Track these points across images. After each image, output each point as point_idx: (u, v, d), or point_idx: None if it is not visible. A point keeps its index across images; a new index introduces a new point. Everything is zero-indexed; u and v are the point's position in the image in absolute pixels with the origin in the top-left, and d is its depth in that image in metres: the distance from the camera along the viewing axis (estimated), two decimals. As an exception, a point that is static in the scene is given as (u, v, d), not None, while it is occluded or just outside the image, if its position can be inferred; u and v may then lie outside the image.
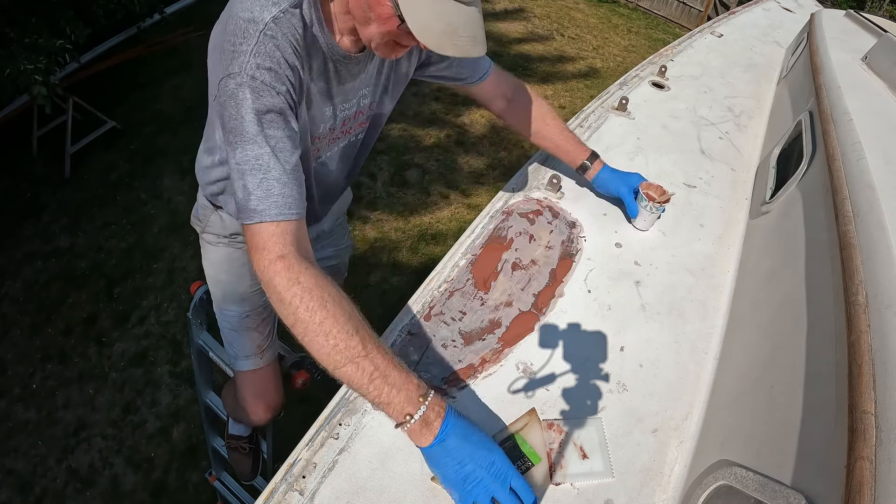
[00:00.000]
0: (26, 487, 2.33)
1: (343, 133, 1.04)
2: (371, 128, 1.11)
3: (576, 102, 5.33)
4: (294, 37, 0.78)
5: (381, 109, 1.08)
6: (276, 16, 0.75)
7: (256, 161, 0.72)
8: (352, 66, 0.91)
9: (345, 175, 1.17)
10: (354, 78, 0.94)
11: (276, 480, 0.78)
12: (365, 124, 1.08)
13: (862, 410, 0.57)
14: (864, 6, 8.87)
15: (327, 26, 0.84)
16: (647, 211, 1.24)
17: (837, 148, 1.10)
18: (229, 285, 1.22)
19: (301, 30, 0.79)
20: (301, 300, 0.67)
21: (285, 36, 0.76)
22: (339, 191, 1.24)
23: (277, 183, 0.73)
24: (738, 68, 2.22)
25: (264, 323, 1.27)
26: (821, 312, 0.82)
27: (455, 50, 0.74)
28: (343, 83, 0.93)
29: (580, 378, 0.96)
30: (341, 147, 1.07)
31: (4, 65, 2.86)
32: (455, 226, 3.63)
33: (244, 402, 1.29)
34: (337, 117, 0.98)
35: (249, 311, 1.23)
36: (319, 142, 0.99)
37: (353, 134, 1.07)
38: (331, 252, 1.50)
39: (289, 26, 0.77)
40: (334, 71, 0.89)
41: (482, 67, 1.14)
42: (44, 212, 3.56)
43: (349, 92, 0.96)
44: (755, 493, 0.66)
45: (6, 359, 2.78)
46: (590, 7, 8.29)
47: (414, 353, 0.96)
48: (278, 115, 0.75)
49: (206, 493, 2.27)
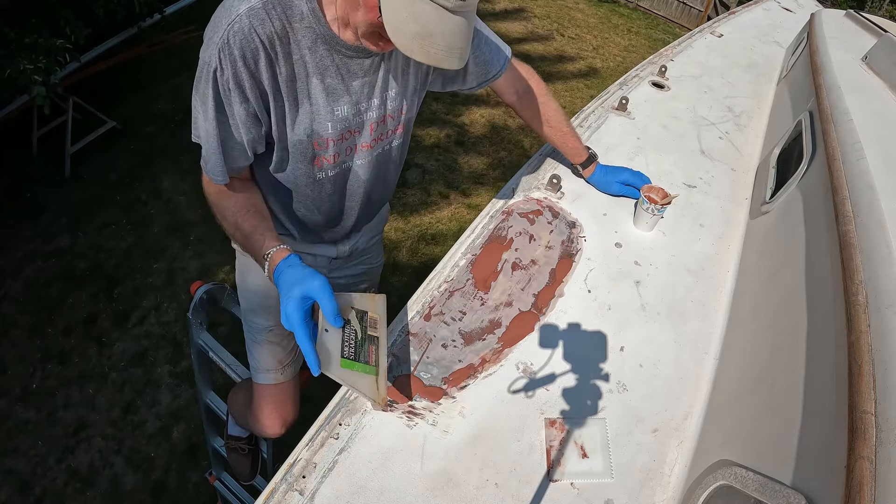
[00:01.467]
0: (26, 487, 2.33)
1: (375, 140, 1.01)
2: (405, 134, 1.09)
3: (576, 102, 5.33)
4: (267, 30, 0.77)
5: (411, 113, 1.06)
6: (253, 6, 0.76)
7: (207, 138, 0.86)
8: (362, 61, 0.89)
9: (378, 187, 1.14)
10: (368, 74, 0.91)
11: (276, 480, 0.78)
12: (399, 130, 1.05)
13: (862, 410, 0.57)
14: (864, 6, 8.87)
15: (324, 16, 0.82)
16: (649, 213, 1.24)
17: (837, 148, 1.10)
18: (256, 296, 1.21)
19: (284, 21, 0.78)
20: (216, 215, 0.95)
21: (254, 29, 0.76)
22: (374, 205, 1.21)
23: (214, 154, 0.87)
24: (738, 68, 2.22)
25: (289, 338, 1.24)
26: (821, 312, 0.82)
27: (424, 56, 0.72)
28: (353, 79, 0.90)
29: (580, 378, 0.96)
30: (375, 156, 1.04)
31: (4, 65, 2.86)
32: (455, 226, 3.63)
33: (259, 414, 1.27)
34: (359, 118, 0.95)
35: (274, 325, 1.21)
36: (338, 145, 0.96)
37: (386, 141, 1.04)
38: (362, 269, 1.45)
39: (262, 19, 0.76)
40: (342, 65, 0.87)
41: (495, 65, 1.11)
42: (44, 212, 3.56)
43: (368, 90, 0.93)
44: (755, 493, 0.66)
45: (6, 359, 2.78)
46: (590, 7, 8.29)
47: (414, 353, 0.96)
48: (228, 103, 0.82)
49: (206, 493, 2.27)
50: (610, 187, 1.35)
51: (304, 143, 0.92)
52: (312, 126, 0.90)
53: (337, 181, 1.04)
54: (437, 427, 0.86)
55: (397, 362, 0.94)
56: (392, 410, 0.87)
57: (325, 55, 0.85)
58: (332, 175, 1.02)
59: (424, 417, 0.87)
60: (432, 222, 3.65)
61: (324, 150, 0.95)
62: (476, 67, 1.09)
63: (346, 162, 1.02)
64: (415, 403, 0.89)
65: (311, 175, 1.00)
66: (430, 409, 0.88)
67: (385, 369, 0.80)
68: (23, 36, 3.01)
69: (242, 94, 0.81)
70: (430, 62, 0.73)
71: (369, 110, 0.96)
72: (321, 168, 0.99)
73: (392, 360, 0.94)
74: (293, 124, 0.89)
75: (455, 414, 0.88)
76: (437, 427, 0.86)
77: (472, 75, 1.10)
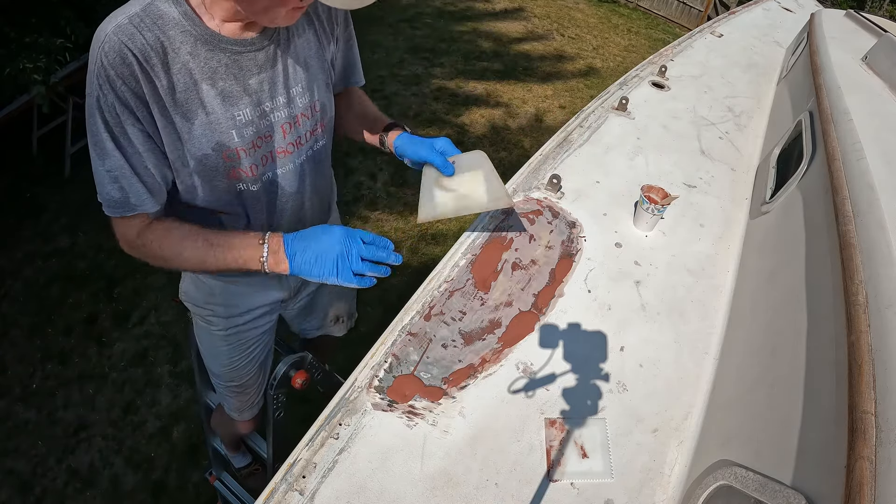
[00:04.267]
0: (26, 487, 2.33)
1: (293, 145, 0.94)
2: (328, 133, 1.02)
3: (576, 102, 5.33)
4: (138, 44, 0.72)
5: (329, 111, 0.99)
6: (119, 23, 0.72)
7: (119, 170, 0.80)
8: (254, 55, 0.82)
9: (312, 198, 1.05)
10: (264, 69, 0.84)
11: (276, 480, 0.78)
12: (318, 130, 0.98)
13: (862, 410, 0.57)
14: (864, 6, 8.87)
15: (199, 17, 0.76)
16: (649, 213, 1.24)
17: (837, 148, 1.10)
18: (207, 357, 1.29)
19: (157, 32, 0.74)
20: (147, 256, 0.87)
21: (124, 45, 0.72)
22: (310, 220, 1.10)
23: (133, 182, 0.82)
24: (738, 68, 2.22)
25: (244, 393, 1.33)
26: (821, 312, 0.82)
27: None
28: (249, 76, 0.82)
29: (580, 378, 0.96)
30: (300, 164, 0.97)
31: (4, 64, 2.86)
32: (455, 226, 3.63)
33: (229, 422, 1.48)
34: (266, 121, 0.87)
35: (226, 383, 1.30)
36: (252, 155, 0.88)
37: (307, 146, 0.97)
38: (327, 295, 1.41)
39: (131, 34, 0.72)
40: (232, 64, 0.80)
41: (358, 75, 1.09)
42: (44, 212, 3.56)
43: (270, 87, 0.85)
44: (755, 493, 0.66)
45: (6, 359, 2.77)
46: (590, 7, 8.29)
47: (414, 353, 0.96)
48: (121, 129, 0.77)
49: (206, 493, 2.27)
50: (416, 153, 1.06)
51: (213, 158, 0.84)
52: (215, 137, 0.82)
53: (261, 197, 0.95)
54: (437, 427, 0.86)
55: (397, 362, 0.94)
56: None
57: (210, 57, 0.78)
58: (256, 190, 0.92)
59: (424, 417, 0.87)
60: (432, 222, 3.66)
61: (236, 161, 0.87)
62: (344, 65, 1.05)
63: (266, 174, 0.92)
64: (415, 403, 0.89)
65: (232, 191, 0.90)
66: (430, 409, 0.88)
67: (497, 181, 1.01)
68: (23, 36, 3.00)
69: (132, 115, 0.76)
70: (342, 5, 0.69)
71: (275, 110, 0.88)
72: (240, 180, 0.89)
73: (392, 360, 0.94)
74: (191, 139, 0.81)
75: (455, 414, 0.88)
76: (437, 427, 0.86)
77: (339, 73, 1.05)
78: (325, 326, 1.53)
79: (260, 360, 1.29)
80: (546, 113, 5.06)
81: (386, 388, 0.90)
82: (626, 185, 1.41)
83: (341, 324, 1.58)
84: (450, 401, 0.90)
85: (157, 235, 0.86)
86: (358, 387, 0.90)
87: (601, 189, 1.39)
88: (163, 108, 0.77)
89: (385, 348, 0.96)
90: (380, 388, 0.90)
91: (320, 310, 1.46)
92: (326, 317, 1.50)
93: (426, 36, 5.97)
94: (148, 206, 0.84)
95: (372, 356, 0.95)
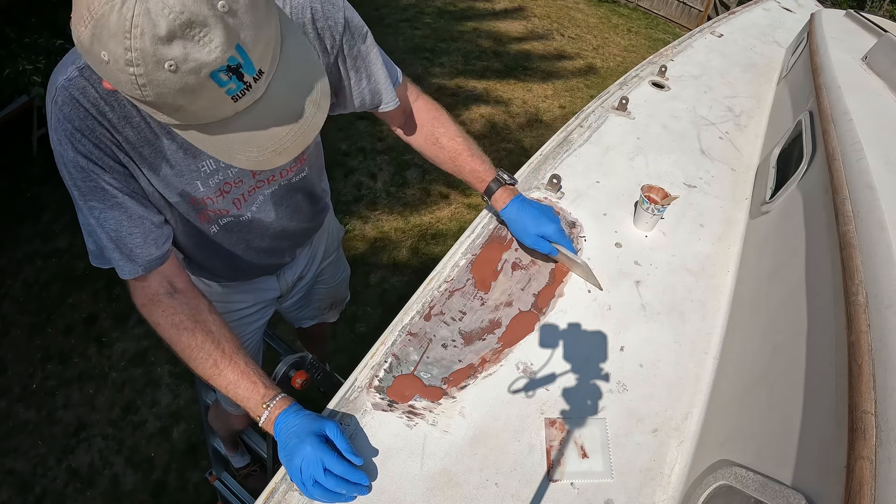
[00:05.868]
0: (26, 487, 2.33)
1: (265, 182, 0.91)
2: (310, 166, 0.99)
3: (576, 102, 5.33)
4: (91, 97, 0.67)
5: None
6: (69, 76, 0.67)
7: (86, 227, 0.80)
8: None
9: (291, 217, 1.03)
10: None
11: (276, 480, 0.78)
12: (296, 166, 0.95)
13: (862, 410, 0.57)
14: (864, 6, 8.87)
15: None
16: (649, 213, 1.24)
17: (837, 148, 1.09)
18: None
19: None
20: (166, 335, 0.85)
21: (76, 100, 0.67)
22: (297, 236, 1.12)
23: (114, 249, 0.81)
24: (738, 68, 2.22)
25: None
26: (821, 312, 0.82)
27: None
28: None
29: (580, 378, 0.96)
30: (270, 194, 0.94)
31: (4, 65, 2.86)
32: (455, 226, 3.63)
33: (226, 417, 1.49)
34: (233, 168, 0.83)
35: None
36: (220, 201, 0.85)
37: (283, 179, 0.95)
38: (322, 289, 1.45)
39: (82, 87, 0.67)
40: None
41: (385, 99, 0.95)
42: (44, 212, 3.56)
43: None
44: (755, 493, 0.66)
45: (6, 359, 2.78)
46: (590, 7, 8.29)
47: (414, 353, 0.96)
48: (95, 186, 0.75)
49: (206, 493, 2.27)
50: (525, 237, 1.08)
51: (183, 204, 0.83)
52: (180, 186, 0.80)
53: (237, 229, 0.95)
54: (437, 427, 0.86)
55: (397, 362, 0.94)
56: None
57: None
58: (227, 223, 0.92)
59: (424, 417, 0.87)
60: (432, 222, 3.65)
61: (203, 206, 0.85)
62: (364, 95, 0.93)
63: (243, 215, 0.92)
64: (415, 403, 0.89)
65: (207, 230, 0.91)
66: (430, 409, 0.88)
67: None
68: (23, 36, 3.01)
69: (102, 163, 0.72)
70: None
71: None
72: (210, 222, 0.90)
73: (392, 360, 0.94)
74: (164, 187, 0.79)
75: (455, 414, 0.88)
76: (437, 427, 0.86)
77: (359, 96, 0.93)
78: (320, 315, 1.60)
79: (252, 353, 1.31)
80: (546, 113, 5.06)
81: (386, 388, 0.90)
82: (626, 185, 1.41)
83: (335, 309, 1.65)
84: (450, 401, 0.90)
85: (164, 327, 0.85)
86: (358, 387, 0.90)
87: (601, 189, 1.39)
88: (129, 160, 0.75)
89: (385, 348, 0.96)
90: (380, 388, 0.90)
91: (316, 301, 1.50)
92: (322, 306, 1.56)
93: (426, 36, 5.97)
94: (137, 266, 0.81)
95: (372, 356, 0.95)
